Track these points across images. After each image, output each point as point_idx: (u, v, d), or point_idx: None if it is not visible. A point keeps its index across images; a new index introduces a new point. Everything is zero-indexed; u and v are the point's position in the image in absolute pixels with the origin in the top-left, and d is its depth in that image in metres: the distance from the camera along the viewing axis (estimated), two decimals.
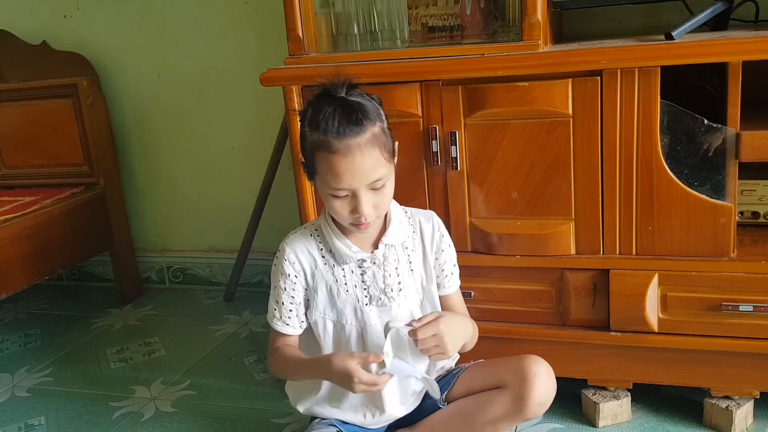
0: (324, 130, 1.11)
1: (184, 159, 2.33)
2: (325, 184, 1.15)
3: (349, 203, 1.15)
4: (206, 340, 2.02)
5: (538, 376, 1.20)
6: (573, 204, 1.36)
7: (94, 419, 1.65)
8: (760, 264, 1.29)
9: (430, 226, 1.30)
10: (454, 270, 1.33)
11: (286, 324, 1.27)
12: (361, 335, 1.25)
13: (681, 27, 1.30)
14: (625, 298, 1.36)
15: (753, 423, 1.39)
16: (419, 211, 1.32)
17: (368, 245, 1.25)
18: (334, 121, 1.11)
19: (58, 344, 2.08)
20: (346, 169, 1.11)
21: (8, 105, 2.28)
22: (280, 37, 1.65)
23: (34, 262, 1.95)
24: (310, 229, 1.28)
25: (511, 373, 1.23)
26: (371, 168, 1.12)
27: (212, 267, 2.41)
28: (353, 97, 1.15)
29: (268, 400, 1.66)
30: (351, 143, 1.10)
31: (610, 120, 1.30)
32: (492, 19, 1.48)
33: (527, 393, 1.19)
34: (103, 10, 2.27)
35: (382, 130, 1.15)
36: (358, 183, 1.13)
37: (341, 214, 1.17)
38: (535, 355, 1.24)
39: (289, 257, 1.25)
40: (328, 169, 1.12)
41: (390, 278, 1.25)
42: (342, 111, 1.12)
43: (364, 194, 1.14)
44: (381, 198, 1.17)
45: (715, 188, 1.30)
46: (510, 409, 1.21)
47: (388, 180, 1.17)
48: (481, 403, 1.24)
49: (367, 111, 1.14)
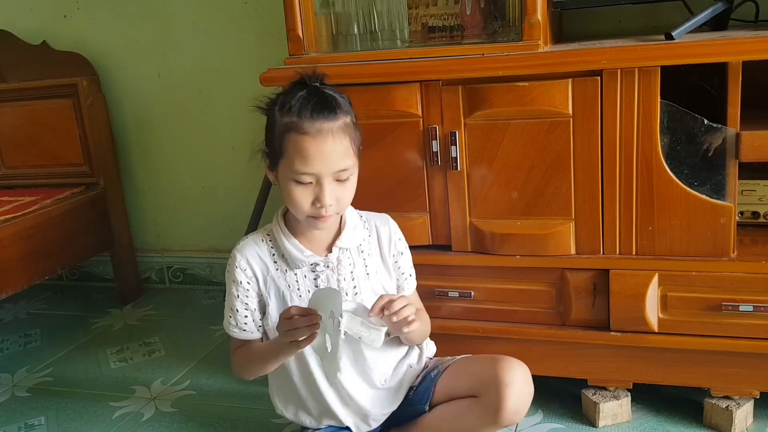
0: (297, 113, 1.12)
1: (184, 159, 2.33)
2: (291, 168, 1.13)
3: (312, 192, 1.13)
4: (206, 340, 2.03)
5: (510, 385, 1.17)
6: (573, 204, 1.36)
7: (94, 419, 1.65)
8: (760, 264, 1.29)
9: (386, 229, 1.29)
10: (412, 272, 1.33)
11: (243, 330, 1.25)
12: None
13: (681, 27, 1.30)
14: (625, 298, 1.36)
15: (753, 423, 1.39)
16: (375, 215, 1.31)
17: (322, 249, 1.23)
18: (308, 104, 1.12)
19: (58, 344, 2.08)
20: (315, 151, 1.11)
21: (8, 105, 2.27)
22: (280, 37, 1.65)
23: (34, 262, 1.95)
24: (262, 234, 1.26)
25: (484, 383, 1.20)
26: (340, 156, 1.12)
27: (212, 267, 2.41)
28: (327, 90, 1.16)
29: (268, 400, 1.65)
30: (323, 127, 1.11)
31: (610, 120, 1.30)
32: (492, 19, 1.48)
33: (500, 404, 1.16)
34: (103, 10, 2.27)
35: (353, 123, 1.17)
36: (326, 169, 1.12)
37: (301, 203, 1.14)
38: (510, 359, 1.21)
39: (240, 264, 1.23)
40: (297, 150, 1.12)
41: (345, 282, 1.23)
42: (317, 97, 1.13)
43: (328, 183, 1.13)
44: (343, 192, 1.16)
45: (715, 188, 1.30)
46: (485, 420, 1.20)
47: (352, 174, 1.16)
48: (457, 412, 1.23)
49: (340, 102, 1.15)
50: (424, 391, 1.30)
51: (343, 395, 1.26)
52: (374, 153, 1.42)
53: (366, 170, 1.30)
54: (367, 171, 1.31)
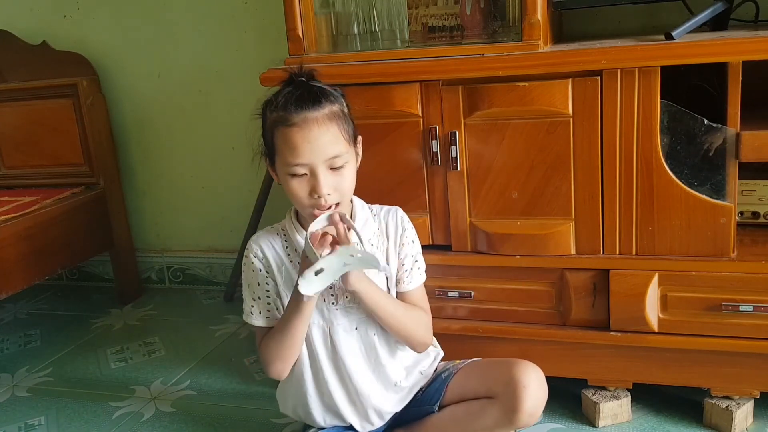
0: (283, 107, 1.15)
1: (184, 159, 2.33)
2: (284, 162, 1.15)
3: (308, 183, 1.15)
4: (206, 340, 2.02)
5: (528, 387, 1.18)
6: (573, 204, 1.36)
7: (94, 419, 1.65)
8: (760, 264, 1.29)
9: (394, 221, 1.30)
10: (416, 266, 1.31)
11: (267, 317, 1.26)
12: (328, 335, 1.25)
13: (681, 27, 1.30)
14: (625, 298, 1.36)
15: (753, 423, 1.39)
16: (385, 208, 1.32)
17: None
18: (292, 97, 1.15)
19: (58, 344, 2.08)
20: (302, 140, 1.12)
21: (8, 105, 2.27)
22: (280, 37, 1.65)
23: (34, 262, 1.95)
24: (277, 228, 1.29)
25: (501, 385, 1.21)
26: (328, 142, 1.13)
27: (212, 267, 2.41)
28: (313, 83, 1.18)
29: (268, 400, 1.66)
30: (308, 116, 1.13)
31: (610, 120, 1.30)
32: (492, 19, 1.48)
33: (517, 406, 1.18)
34: (103, 10, 2.27)
35: (341, 111, 1.18)
36: (316, 158, 1.13)
37: (300, 196, 1.16)
38: (526, 362, 1.23)
39: (256, 253, 1.26)
40: (285, 142, 1.14)
41: None
42: (302, 90, 1.15)
43: (322, 172, 1.14)
44: (340, 180, 1.16)
45: (715, 188, 1.30)
46: (501, 421, 1.20)
47: (348, 162, 1.17)
48: (472, 413, 1.24)
49: (326, 92, 1.17)
50: (434, 392, 1.30)
51: (351, 392, 1.27)
52: (374, 153, 1.42)
53: (366, 170, 1.30)
54: (367, 171, 1.31)
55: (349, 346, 1.25)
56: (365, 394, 1.26)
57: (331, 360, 1.26)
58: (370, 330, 1.26)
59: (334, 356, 1.25)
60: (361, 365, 1.26)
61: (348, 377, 1.25)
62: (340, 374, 1.26)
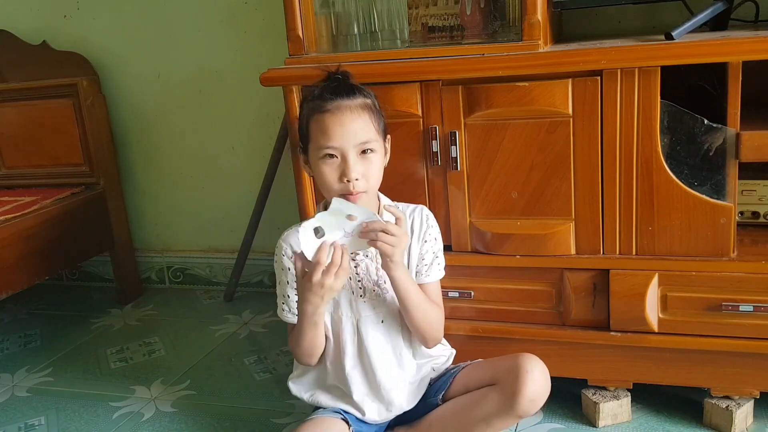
0: (319, 97, 1.21)
1: (184, 159, 2.33)
2: (316, 147, 1.20)
3: (338, 168, 1.19)
4: (206, 340, 2.02)
5: (530, 372, 1.20)
6: (573, 204, 1.36)
7: (94, 419, 1.65)
8: (760, 264, 1.29)
9: (420, 218, 1.32)
10: (436, 261, 1.33)
11: (296, 314, 1.28)
12: (356, 327, 1.27)
13: (681, 27, 1.30)
14: (625, 298, 1.36)
15: (753, 423, 1.39)
16: (411, 206, 1.35)
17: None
18: (328, 88, 1.21)
19: (58, 344, 2.08)
20: (335, 124, 1.18)
21: (8, 105, 2.28)
22: (280, 37, 1.65)
23: (34, 262, 1.95)
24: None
25: (504, 371, 1.24)
26: (360, 128, 1.19)
27: (212, 267, 2.41)
28: (349, 80, 1.25)
29: (268, 400, 1.66)
30: (342, 104, 1.19)
31: (610, 120, 1.30)
32: (492, 19, 1.48)
33: (518, 389, 1.19)
34: (103, 10, 2.27)
35: (374, 105, 1.23)
36: (347, 142, 1.18)
37: (330, 181, 1.20)
38: (531, 354, 1.24)
39: (286, 252, 1.29)
40: (319, 128, 1.19)
41: (382, 271, 1.25)
42: (337, 83, 1.22)
43: (352, 158, 1.18)
44: (369, 167, 1.20)
45: (715, 188, 1.30)
46: (502, 406, 1.21)
47: (377, 151, 1.21)
48: (474, 400, 1.25)
49: (360, 87, 1.23)
50: (440, 385, 1.32)
51: (372, 384, 1.28)
52: None
53: None
54: None
55: (375, 338, 1.27)
56: (386, 387, 1.28)
57: (357, 351, 1.28)
58: (395, 323, 1.29)
59: (360, 347, 1.28)
60: (386, 357, 1.28)
61: (371, 369, 1.27)
62: (363, 365, 1.28)
